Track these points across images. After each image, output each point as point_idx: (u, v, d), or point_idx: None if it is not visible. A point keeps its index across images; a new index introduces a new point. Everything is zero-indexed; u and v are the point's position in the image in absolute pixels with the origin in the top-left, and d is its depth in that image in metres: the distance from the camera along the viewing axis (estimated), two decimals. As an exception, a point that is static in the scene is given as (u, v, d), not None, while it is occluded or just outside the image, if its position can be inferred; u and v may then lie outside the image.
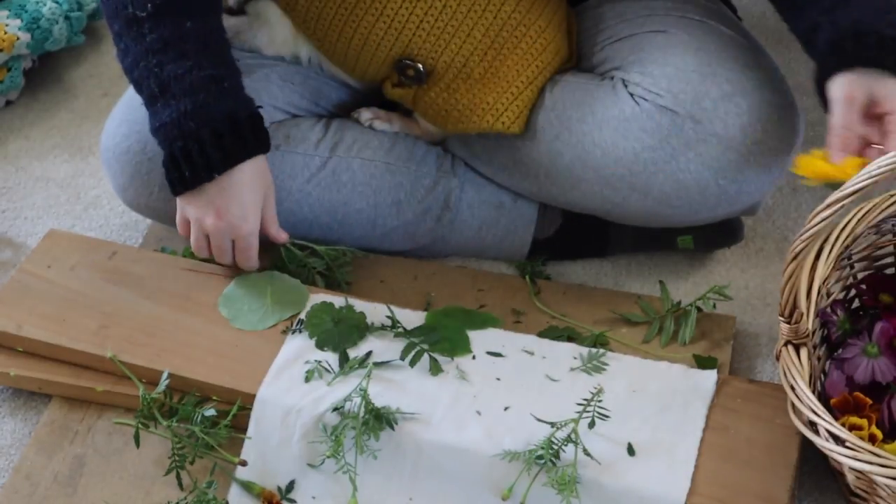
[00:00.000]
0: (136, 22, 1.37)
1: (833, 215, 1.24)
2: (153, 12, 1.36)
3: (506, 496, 1.29)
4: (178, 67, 1.35)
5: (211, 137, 1.34)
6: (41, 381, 1.44)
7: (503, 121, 1.51)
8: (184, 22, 1.36)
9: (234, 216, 1.41)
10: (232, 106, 1.36)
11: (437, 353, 1.41)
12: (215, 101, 1.35)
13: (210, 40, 1.38)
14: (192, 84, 1.34)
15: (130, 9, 1.37)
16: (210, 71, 1.36)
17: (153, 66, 1.36)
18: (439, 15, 1.47)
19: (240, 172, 1.38)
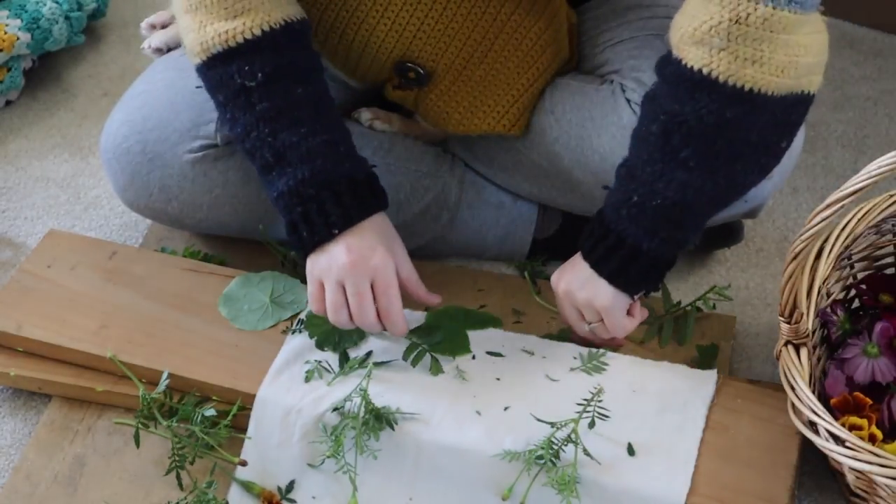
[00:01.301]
0: (245, 91, 1.34)
1: (833, 215, 1.24)
2: (263, 81, 1.34)
3: (506, 496, 1.29)
4: (292, 135, 1.33)
5: (331, 198, 1.33)
6: (41, 381, 1.44)
7: (504, 123, 1.51)
8: (294, 89, 1.34)
9: (364, 252, 1.33)
10: (349, 169, 1.34)
11: (437, 353, 1.41)
12: (333, 166, 1.33)
13: (321, 105, 1.36)
14: (309, 151, 1.33)
15: (238, 79, 1.34)
16: (325, 136, 1.34)
17: (266, 135, 1.33)
18: (440, 17, 1.47)
19: (360, 229, 1.34)
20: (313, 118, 1.34)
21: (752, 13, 1.24)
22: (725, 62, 1.25)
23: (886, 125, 1.85)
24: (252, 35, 1.34)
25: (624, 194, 1.32)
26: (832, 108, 1.88)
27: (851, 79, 1.94)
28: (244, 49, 1.34)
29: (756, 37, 1.25)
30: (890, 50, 1.99)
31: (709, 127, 1.27)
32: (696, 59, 1.26)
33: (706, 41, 1.25)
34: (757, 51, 1.25)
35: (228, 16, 1.34)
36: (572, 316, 1.40)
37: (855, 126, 1.85)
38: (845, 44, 2.00)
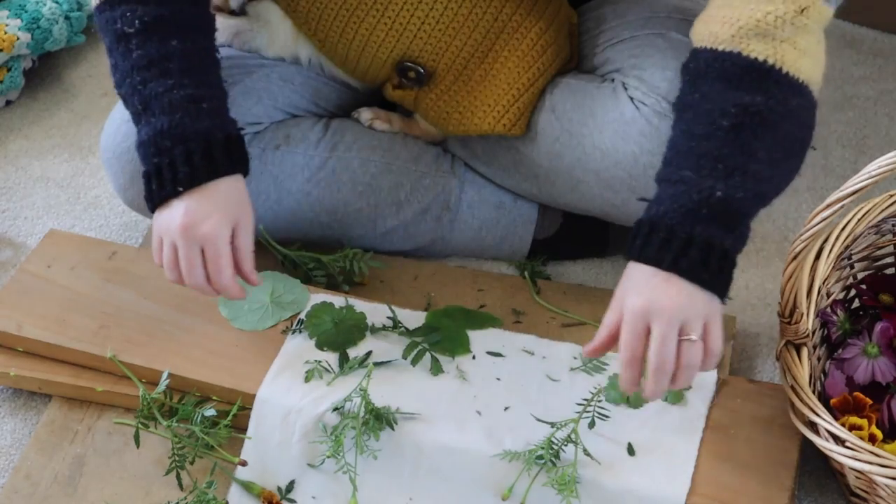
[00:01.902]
0: (125, 38, 1.36)
1: (833, 215, 1.24)
2: (141, 29, 1.35)
3: (506, 496, 1.29)
4: (159, 86, 1.34)
5: (182, 155, 1.32)
6: (41, 381, 1.44)
7: (504, 123, 1.51)
8: (170, 40, 1.35)
9: (198, 218, 1.31)
10: (207, 126, 1.33)
11: (437, 353, 1.41)
12: (191, 121, 1.32)
13: (195, 60, 1.36)
14: (171, 103, 1.33)
15: (119, 24, 1.36)
16: (190, 91, 1.33)
17: (137, 83, 1.35)
18: (440, 17, 1.47)
19: (204, 191, 1.32)
20: (182, 72, 1.34)
21: (811, 6, 1.28)
22: (789, 53, 1.27)
23: (886, 125, 1.85)
24: None
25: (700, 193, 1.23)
26: (832, 108, 1.88)
27: (851, 79, 1.93)
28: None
29: (810, 30, 1.28)
30: (890, 50, 1.99)
31: (778, 117, 1.26)
32: (761, 51, 1.26)
33: (770, 32, 1.26)
34: (810, 44, 1.29)
35: None
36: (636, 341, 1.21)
37: (855, 126, 1.85)
38: (845, 44, 2.00)
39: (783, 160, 1.28)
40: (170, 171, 1.31)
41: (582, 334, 1.48)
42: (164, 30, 1.35)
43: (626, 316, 1.21)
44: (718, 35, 1.27)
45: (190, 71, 1.35)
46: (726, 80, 1.27)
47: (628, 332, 1.21)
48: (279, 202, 1.54)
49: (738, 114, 1.25)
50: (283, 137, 1.56)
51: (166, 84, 1.33)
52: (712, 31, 1.28)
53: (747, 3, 1.26)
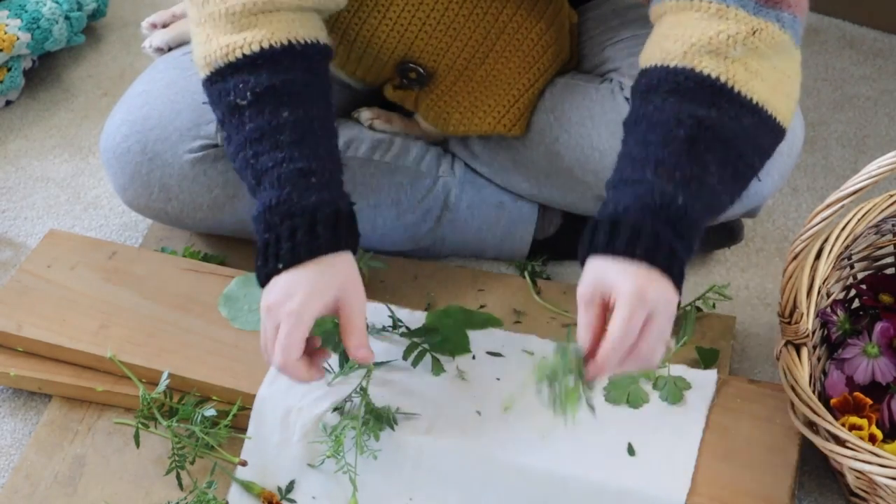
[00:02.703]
0: (238, 110, 1.31)
1: (833, 215, 1.24)
2: (252, 100, 1.30)
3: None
4: (269, 160, 1.29)
5: (287, 231, 1.27)
6: (41, 381, 1.44)
7: (504, 123, 1.51)
8: (281, 111, 1.29)
9: (283, 296, 1.25)
10: (315, 201, 1.27)
11: (437, 353, 1.41)
12: (299, 196, 1.26)
13: (307, 131, 1.30)
14: (280, 177, 1.28)
15: (232, 97, 1.31)
16: (300, 164, 1.28)
17: (250, 157, 1.30)
18: (441, 18, 1.47)
19: (307, 267, 1.26)
20: (292, 144, 1.29)
21: (764, 29, 1.25)
22: (740, 72, 1.25)
23: (886, 125, 1.85)
24: (251, 51, 1.30)
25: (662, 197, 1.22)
26: (832, 108, 1.88)
27: (851, 79, 1.94)
28: (241, 65, 1.31)
29: (762, 53, 1.26)
30: (890, 50, 1.99)
31: (731, 134, 1.25)
32: (713, 68, 1.25)
33: (722, 51, 1.25)
34: (763, 67, 1.26)
35: (234, 30, 1.31)
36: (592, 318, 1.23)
37: (855, 126, 1.85)
38: (845, 44, 2.00)
39: (731, 180, 1.27)
40: (274, 247, 1.27)
41: (582, 334, 1.48)
42: (276, 101, 1.30)
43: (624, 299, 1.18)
44: (670, 52, 1.26)
45: (301, 143, 1.30)
46: (679, 93, 1.25)
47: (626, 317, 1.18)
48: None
49: (693, 126, 1.24)
50: (283, 137, 1.55)
51: (276, 157, 1.28)
52: (664, 49, 1.26)
53: (699, 22, 1.25)
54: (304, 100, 1.32)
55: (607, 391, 1.37)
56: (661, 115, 1.25)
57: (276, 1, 1.31)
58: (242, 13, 1.31)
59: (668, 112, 1.25)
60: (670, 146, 1.24)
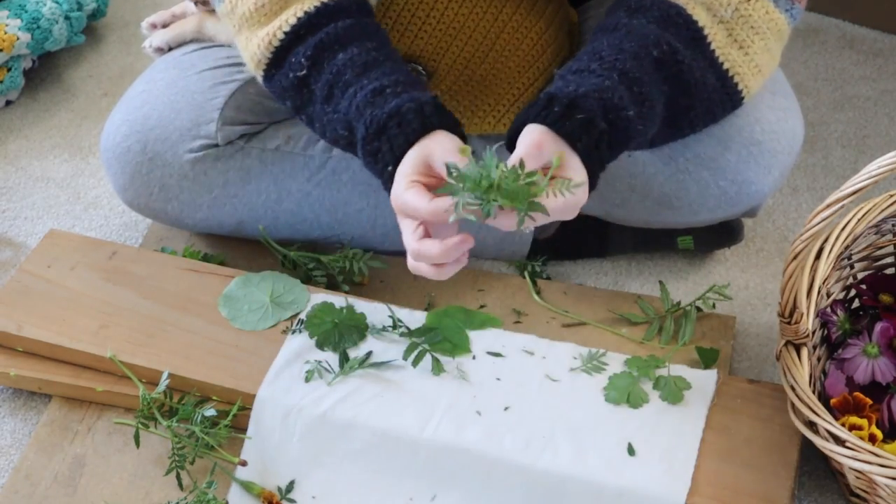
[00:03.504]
0: (303, 83, 1.34)
1: (833, 215, 1.24)
2: (309, 64, 1.33)
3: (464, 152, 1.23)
4: (345, 101, 1.30)
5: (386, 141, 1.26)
6: (41, 381, 1.44)
7: (504, 123, 1.51)
8: (336, 56, 1.32)
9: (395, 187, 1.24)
10: (394, 105, 1.27)
11: (437, 353, 1.41)
12: (380, 109, 1.27)
13: (368, 60, 1.32)
14: (359, 107, 1.29)
15: (291, 75, 1.33)
16: (371, 86, 1.29)
17: (331, 115, 1.32)
18: (441, 18, 1.47)
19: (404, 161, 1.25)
20: (358, 76, 1.31)
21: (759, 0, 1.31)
22: (721, 35, 1.31)
23: (886, 125, 1.85)
24: (289, 27, 1.33)
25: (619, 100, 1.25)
26: (832, 108, 1.88)
27: (851, 79, 1.94)
28: (286, 43, 1.34)
29: (753, 24, 1.31)
30: (890, 50, 1.99)
31: (693, 81, 1.31)
32: (702, 19, 1.31)
33: (714, 8, 1.31)
34: (748, 37, 1.32)
35: (268, 20, 1.34)
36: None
37: (855, 126, 1.85)
38: (845, 44, 2.00)
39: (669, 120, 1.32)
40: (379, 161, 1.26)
41: (582, 334, 1.48)
42: (328, 51, 1.32)
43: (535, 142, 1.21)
44: None
45: (364, 72, 1.31)
46: (665, 23, 1.31)
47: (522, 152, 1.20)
48: (279, 202, 1.54)
49: (667, 52, 1.30)
50: (283, 138, 1.55)
51: (350, 94, 1.30)
52: None
53: None
54: (354, 39, 1.33)
55: (607, 391, 1.37)
56: (641, 31, 1.31)
57: None
58: (270, 2, 1.34)
59: (649, 32, 1.30)
60: (640, 61, 1.28)
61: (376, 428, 1.34)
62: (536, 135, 1.22)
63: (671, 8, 1.32)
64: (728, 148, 1.44)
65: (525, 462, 1.30)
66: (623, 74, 1.27)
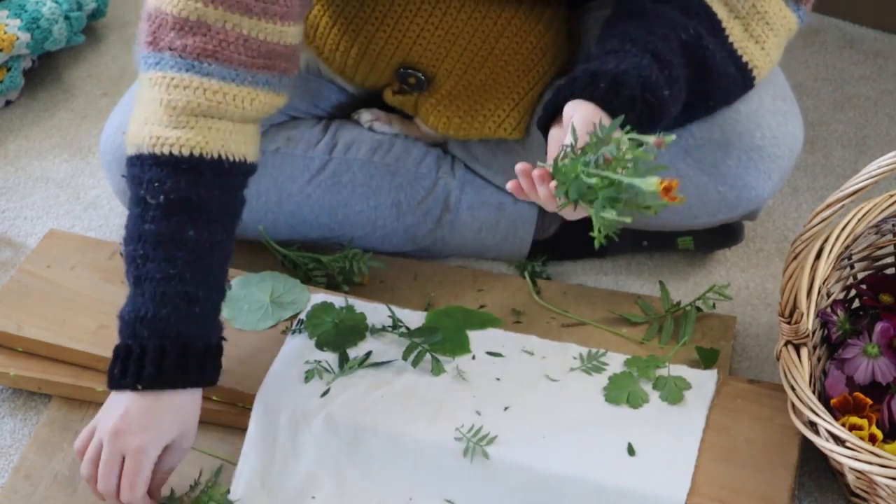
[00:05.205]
0: (145, 205, 1.26)
1: (833, 215, 1.24)
2: (164, 204, 1.25)
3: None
4: (158, 271, 1.25)
5: (155, 351, 1.23)
6: (41, 381, 1.44)
7: (504, 127, 1.51)
8: (186, 229, 1.26)
9: (135, 427, 1.23)
10: (191, 331, 1.25)
11: (437, 353, 1.41)
12: (176, 321, 1.24)
13: (205, 257, 1.27)
14: (164, 294, 1.24)
15: (143, 190, 1.26)
16: (188, 288, 1.25)
17: (139, 255, 1.25)
18: (439, 23, 1.47)
19: (162, 399, 1.24)
20: (186, 264, 1.25)
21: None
22: (738, 30, 1.35)
23: (886, 125, 1.85)
24: (179, 152, 1.26)
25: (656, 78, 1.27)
26: (832, 108, 1.88)
27: (851, 79, 1.94)
28: (165, 162, 1.26)
29: (769, 20, 1.36)
30: (890, 50, 1.99)
31: (714, 68, 1.34)
32: (721, 12, 1.35)
33: (731, 2, 1.35)
34: (764, 35, 1.36)
35: (170, 125, 1.28)
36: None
37: (855, 126, 1.85)
38: (845, 44, 2.01)
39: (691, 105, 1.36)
40: (137, 363, 1.24)
41: (582, 334, 1.48)
42: (186, 215, 1.26)
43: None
44: None
45: (194, 267, 1.26)
46: (689, 12, 1.35)
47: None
48: (279, 204, 1.54)
49: (693, 37, 1.33)
50: (283, 139, 1.55)
51: (167, 272, 1.25)
52: None
53: None
54: (213, 222, 1.28)
55: (607, 391, 1.37)
56: (669, 16, 1.34)
57: (221, 109, 1.29)
58: (184, 111, 1.28)
59: (675, 17, 1.34)
60: (669, 44, 1.31)
61: (376, 428, 1.34)
62: (589, 111, 1.23)
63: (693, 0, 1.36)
64: (728, 153, 1.44)
65: (525, 462, 1.30)
66: (656, 56, 1.29)
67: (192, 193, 1.26)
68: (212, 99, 1.28)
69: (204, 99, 1.28)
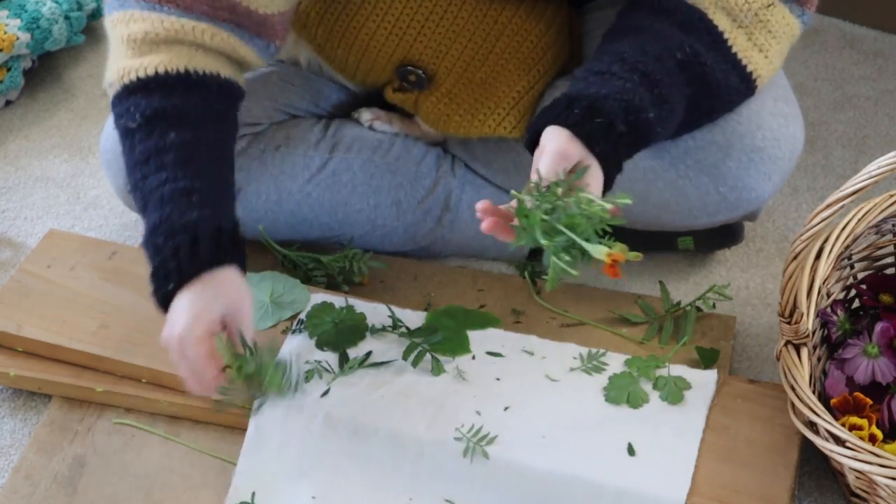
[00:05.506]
0: (130, 134, 1.32)
1: (833, 215, 1.24)
2: (142, 123, 1.31)
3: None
4: (154, 180, 1.28)
5: (171, 251, 1.25)
6: (41, 381, 1.44)
7: (504, 126, 1.51)
8: (167, 133, 1.29)
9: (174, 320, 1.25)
10: (195, 218, 1.26)
11: (437, 353, 1.41)
12: (180, 215, 1.26)
13: (194, 153, 1.30)
14: (163, 197, 1.27)
15: (124, 119, 1.33)
16: (182, 184, 1.27)
17: (139, 179, 1.30)
18: (440, 21, 1.47)
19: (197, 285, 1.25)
20: (176, 164, 1.28)
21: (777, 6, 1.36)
22: (742, 39, 1.36)
23: (886, 125, 1.85)
24: (145, 74, 1.32)
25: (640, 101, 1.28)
26: (832, 108, 1.88)
27: (851, 79, 1.94)
28: (135, 87, 1.32)
29: (771, 29, 1.37)
30: (890, 50, 1.99)
31: (715, 84, 1.35)
32: (723, 24, 1.35)
33: (735, 13, 1.35)
34: (766, 41, 1.37)
35: (133, 55, 1.34)
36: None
37: (855, 126, 1.85)
38: (845, 44, 2.01)
39: (689, 119, 1.37)
40: (163, 269, 1.26)
41: (582, 334, 1.48)
42: (164, 123, 1.30)
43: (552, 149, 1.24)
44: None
45: (185, 164, 1.29)
46: (688, 28, 1.35)
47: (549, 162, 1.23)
48: (279, 203, 1.54)
49: (690, 55, 1.33)
50: (283, 138, 1.56)
51: (160, 178, 1.28)
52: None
53: None
54: (194, 124, 1.31)
55: (607, 391, 1.37)
56: (664, 34, 1.34)
57: (179, 37, 1.33)
58: (144, 41, 1.33)
59: (672, 35, 1.34)
60: (663, 63, 1.32)
61: (376, 428, 1.34)
62: (562, 141, 1.24)
63: (694, 13, 1.35)
64: (729, 155, 1.44)
65: (525, 462, 1.30)
66: (645, 76, 1.29)
67: (167, 105, 1.31)
68: (169, 28, 1.33)
69: (162, 29, 1.33)
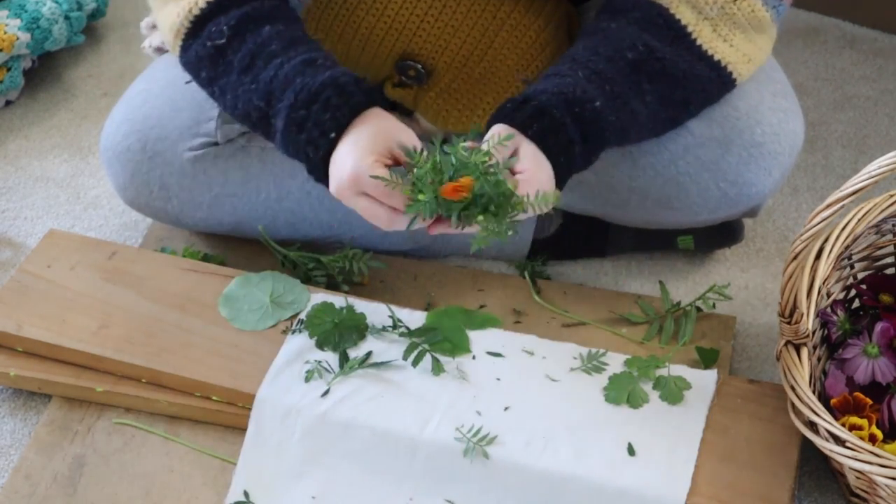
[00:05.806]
0: (220, 52, 1.33)
1: (833, 215, 1.24)
2: (231, 34, 1.33)
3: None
4: (270, 71, 1.30)
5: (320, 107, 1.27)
6: (41, 381, 1.44)
7: (504, 121, 1.51)
8: (261, 29, 1.33)
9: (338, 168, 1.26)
10: (329, 75, 1.29)
11: (437, 353, 1.41)
12: (313, 78, 1.28)
13: (295, 36, 1.34)
14: (287, 76, 1.29)
15: (209, 44, 1.34)
16: (301, 57, 1.31)
17: (249, 86, 1.31)
18: (439, 15, 1.47)
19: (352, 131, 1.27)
20: (285, 47, 1.32)
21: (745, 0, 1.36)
22: (707, 31, 1.36)
23: (886, 125, 1.85)
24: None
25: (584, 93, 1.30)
26: (832, 108, 1.88)
27: (851, 79, 1.94)
28: (206, 13, 1.34)
29: (738, 22, 1.37)
30: (890, 50, 1.99)
31: (680, 75, 1.36)
32: (686, 17, 1.36)
33: (699, 6, 1.36)
34: (733, 34, 1.37)
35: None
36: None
37: (855, 126, 1.85)
38: (845, 44, 2.00)
39: (663, 114, 1.37)
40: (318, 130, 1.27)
41: (582, 334, 1.48)
42: (253, 23, 1.33)
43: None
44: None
45: (293, 44, 1.32)
46: (645, 24, 1.36)
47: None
48: (279, 201, 1.54)
49: (644, 53, 1.34)
50: (283, 137, 1.56)
51: (276, 65, 1.30)
52: None
53: None
54: (279, 17, 1.34)
55: (607, 391, 1.37)
56: (619, 34, 1.35)
57: None
58: None
59: (626, 34, 1.35)
60: (614, 63, 1.34)
61: (376, 428, 1.34)
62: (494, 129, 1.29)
63: (653, 9, 1.37)
64: (729, 150, 1.44)
65: (525, 462, 1.30)
66: (594, 73, 1.32)
67: (247, 9, 1.33)
68: None
69: None
